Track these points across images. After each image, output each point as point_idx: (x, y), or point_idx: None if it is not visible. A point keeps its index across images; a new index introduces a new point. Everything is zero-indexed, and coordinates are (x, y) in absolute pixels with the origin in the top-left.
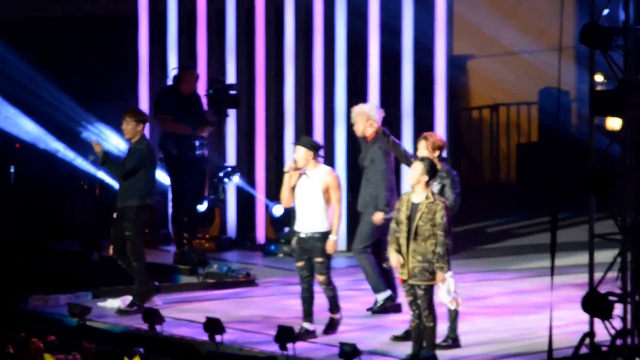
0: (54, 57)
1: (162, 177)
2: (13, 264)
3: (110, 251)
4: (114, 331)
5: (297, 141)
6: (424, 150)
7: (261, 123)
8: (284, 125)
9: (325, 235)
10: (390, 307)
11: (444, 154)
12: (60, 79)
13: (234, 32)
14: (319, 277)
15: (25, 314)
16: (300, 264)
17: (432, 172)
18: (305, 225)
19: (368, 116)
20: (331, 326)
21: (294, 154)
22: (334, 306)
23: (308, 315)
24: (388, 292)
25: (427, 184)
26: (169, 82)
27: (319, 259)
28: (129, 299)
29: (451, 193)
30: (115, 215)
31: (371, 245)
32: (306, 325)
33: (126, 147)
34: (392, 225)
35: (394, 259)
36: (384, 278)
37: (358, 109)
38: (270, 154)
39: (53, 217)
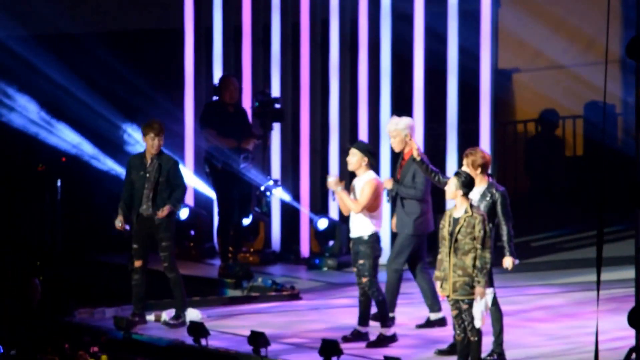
0: (101, 71)
1: (208, 190)
2: (60, 277)
3: (137, 263)
4: (159, 344)
5: (354, 144)
6: (465, 167)
7: (306, 137)
8: (329, 139)
9: (367, 240)
10: (435, 321)
11: (489, 170)
12: (107, 93)
13: (279, 46)
14: (362, 279)
15: (72, 326)
16: (354, 269)
17: (467, 185)
18: (353, 230)
19: (406, 132)
20: (379, 341)
21: (349, 156)
22: (383, 318)
23: (362, 318)
24: (441, 315)
25: (466, 197)
26: (214, 97)
27: (360, 261)
28: (173, 312)
29: (504, 222)
30: (127, 227)
31: (405, 263)
32: (358, 327)
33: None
34: (441, 248)
35: (438, 286)
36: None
37: (394, 126)
38: (315, 168)
39: (100, 231)
